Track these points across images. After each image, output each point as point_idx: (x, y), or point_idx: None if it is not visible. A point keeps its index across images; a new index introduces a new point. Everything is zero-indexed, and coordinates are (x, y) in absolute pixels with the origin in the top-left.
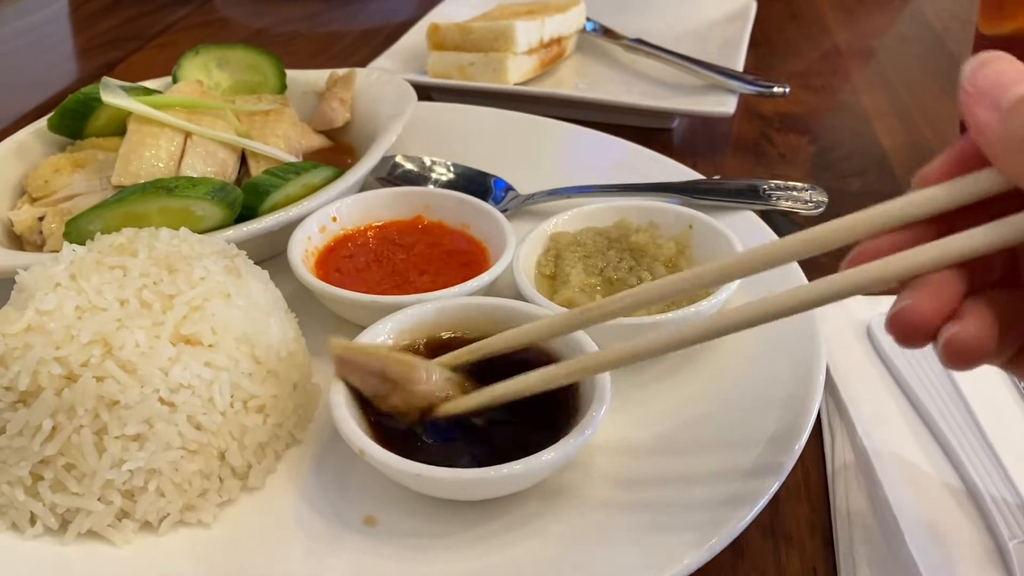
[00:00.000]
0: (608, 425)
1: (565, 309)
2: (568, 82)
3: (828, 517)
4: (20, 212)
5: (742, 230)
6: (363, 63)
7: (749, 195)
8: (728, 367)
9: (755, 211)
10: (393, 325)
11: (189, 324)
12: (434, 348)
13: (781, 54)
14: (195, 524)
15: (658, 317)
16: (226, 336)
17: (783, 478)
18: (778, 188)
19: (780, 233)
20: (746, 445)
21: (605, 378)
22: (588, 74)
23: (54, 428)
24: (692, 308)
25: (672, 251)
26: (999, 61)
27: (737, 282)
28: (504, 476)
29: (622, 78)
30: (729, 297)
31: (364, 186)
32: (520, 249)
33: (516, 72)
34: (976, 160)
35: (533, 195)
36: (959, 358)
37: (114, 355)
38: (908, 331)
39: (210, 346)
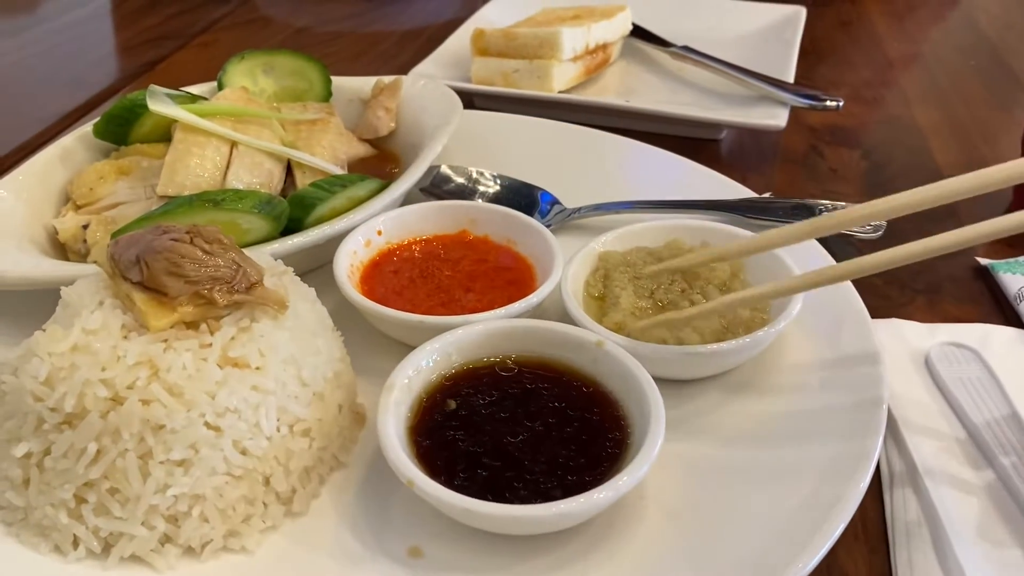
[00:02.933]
0: (660, 453)
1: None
2: (612, 89)
3: (887, 559)
4: (64, 220)
5: (798, 251)
6: (405, 66)
7: (803, 215)
8: (785, 399)
9: None
10: (440, 346)
11: (237, 346)
12: (480, 370)
13: (830, 63)
14: (238, 550)
15: (714, 346)
16: (273, 358)
17: (846, 521)
18: (834, 209)
19: (836, 256)
20: (805, 481)
21: (659, 409)
22: (633, 81)
23: (99, 451)
24: (748, 338)
25: (726, 274)
26: None
27: (797, 309)
28: (556, 514)
29: (668, 86)
30: (787, 326)
31: (407, 197)
32: (568, 269)
33: (561, 79)
34: None
35: (579, 209)
36: None
37: (160, 378)
38: None
39: (257, 369)
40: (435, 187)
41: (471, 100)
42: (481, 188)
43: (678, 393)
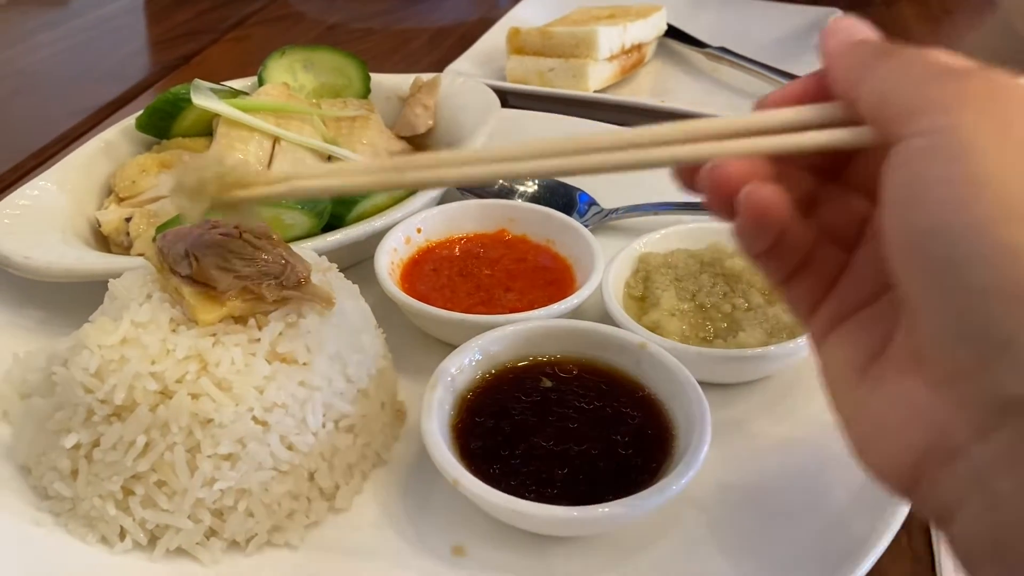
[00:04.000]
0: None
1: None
2: (645, 89)
3: (931, 567)
4: (107, 212)
5: None
6: (438, 63)
7: None
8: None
9: None
10: (483, 345)
11: (285, 342)
12: (522, 370)
13: None
14: (282, 545)
15: (759, 351)
16: (320, 355)
17: (892, 534)
18: None
19: None
20: (849, 489)
21: (704, 411)
22: (667, 82)
23: (147, 444)
24: (791, 344)
25: None
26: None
27: None
28: (602, 516)
29: (702, 87)
30: None
31: (445, 194)
32: (609, 270)
33: (596, 79)
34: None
35: (616, 210)
36: (755, 212)
37: (210, 372)
38: (718, 183)
39: (304, 364)
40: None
41: (505, 98)
42: (518, 187)
43: (720, 396)
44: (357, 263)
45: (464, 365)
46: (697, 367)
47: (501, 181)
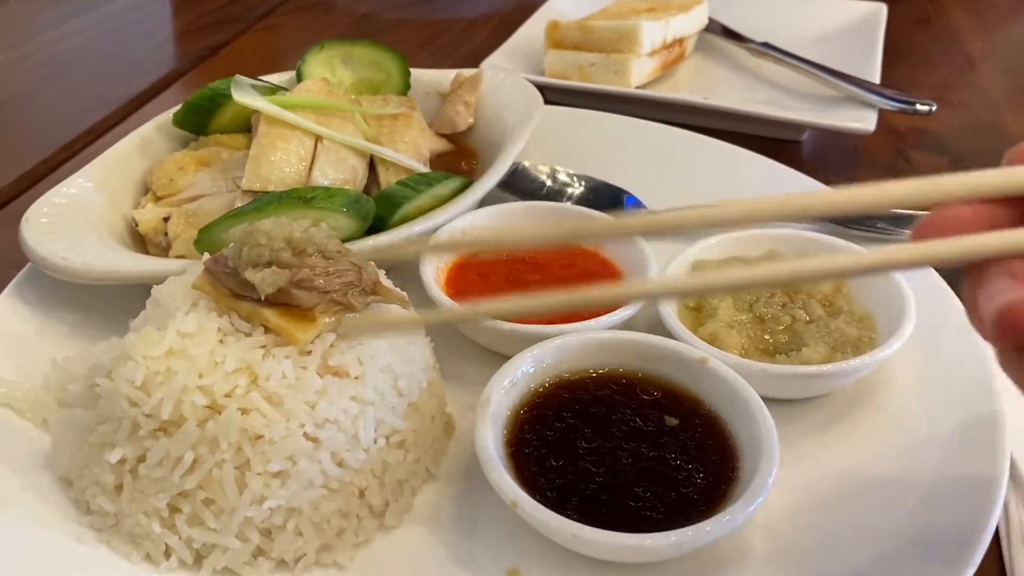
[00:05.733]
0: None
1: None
2: (686, 85)
3: None
4: (145, 212)
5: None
6: (471, 56)
7: (905, 225)
8: (895, 423)
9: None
10: (535, 357)
11: (336, 354)
12: (577, 384)
13: (909, 63)
14: (331, 565)
15: (826, 367)
16: (372, 367)
17: (977, 559)
18: None
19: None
20: (926, 515)
21: (772, 433)
22: (708, 78)
23: (195, 461)
24: (856, 360)
25: (828, 289)
26: None
27: (910, 330)
28: (669, 544)
29: (744, 83)
30: (901, 347)
31: (487, 197)
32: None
33: (638, 74)
34: None
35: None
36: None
37: (260, 386)
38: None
39: (356, 378)
40: (510, 184)
41: (543, 94)
42: (562, 187)
43: (781, 412)
44: (399, 265)
45: (517, 378)
46: (760, 383)
47: (548, 184)
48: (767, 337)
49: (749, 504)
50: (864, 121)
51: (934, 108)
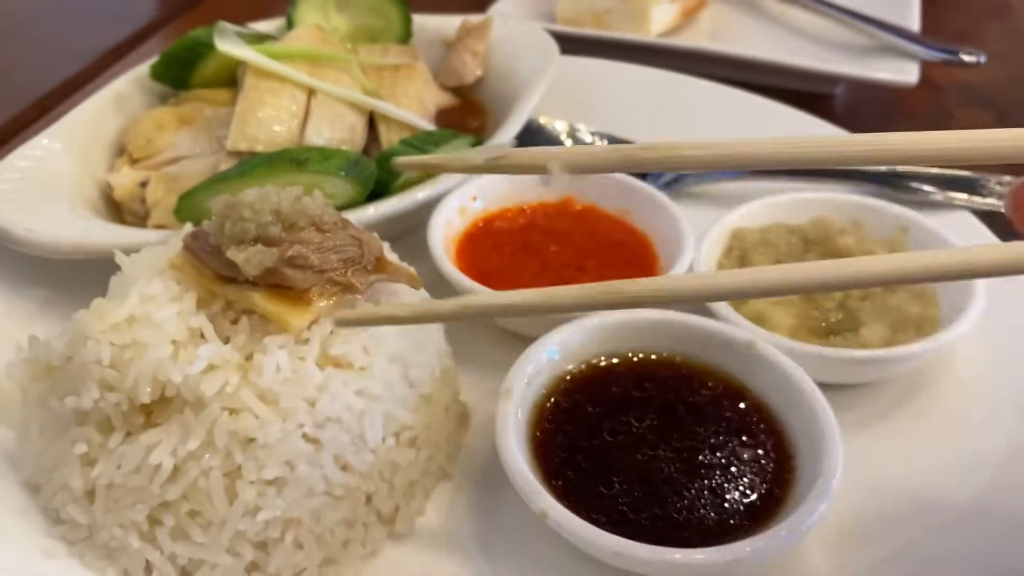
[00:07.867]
0: None
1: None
2: (707, 34)
3: None
4: (120, 175)
5: (959, 236)
6: (476, 1)
7: (963, 188)
8: (961, 411)
9: (973, 211)
10: (561, 340)
11: (338, 342)
12: (609, 371)
13: (942, 9)
14: None
15: (891, 351)
16: (379, 356)
17: None
18: (1000, 184)
19: (1004, 239)
20: (988, 519)
21: (833, 429)
22: (730, 27)
23: (176, 468)
24: (926, 343)
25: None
26: None
27: (980, 306)
28: (721, 561)
29: (771, 32)
30: (966, 331)
31: None
32: (699, 248)
33: (659, 22)
34: None
35: (695, 174)
36: None
37: (251, 382)
38: None
39: (361, 369)
40: (527, 143)
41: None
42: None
43: (835, 398)
44: (405, 235)
45: (542, 364)
46: (813, 368)
47: (567, 143)
48: (816, 314)
49: (811, 514)
50: (905, 73)
51: (983, 59)
